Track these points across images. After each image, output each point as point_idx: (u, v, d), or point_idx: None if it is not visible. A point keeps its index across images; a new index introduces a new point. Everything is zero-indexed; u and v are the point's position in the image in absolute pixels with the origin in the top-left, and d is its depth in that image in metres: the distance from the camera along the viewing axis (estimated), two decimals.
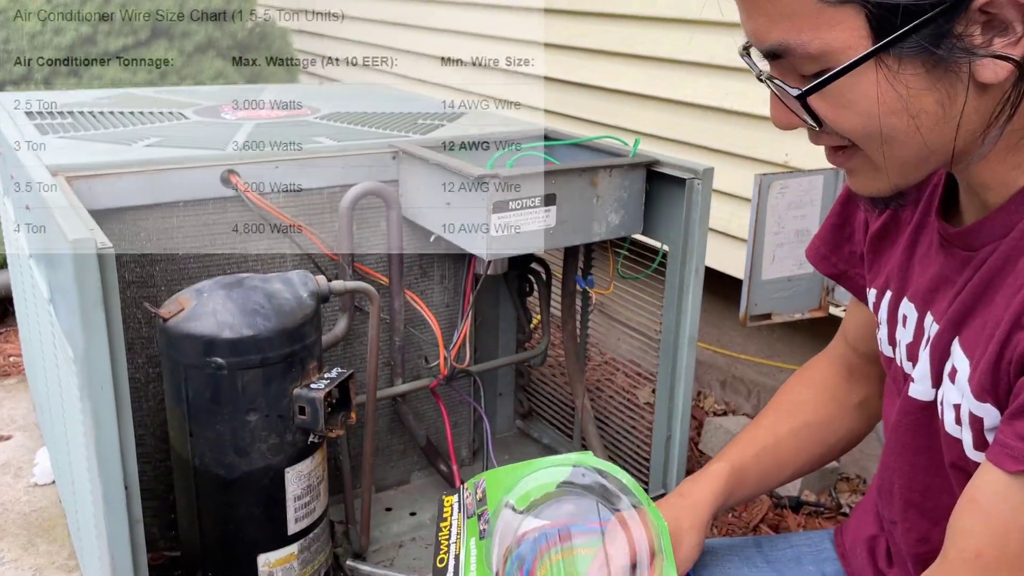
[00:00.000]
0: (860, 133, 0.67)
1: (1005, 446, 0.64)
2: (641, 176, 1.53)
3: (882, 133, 0.66)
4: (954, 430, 0.73)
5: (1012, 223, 0.69)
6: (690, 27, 2.29)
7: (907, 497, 0.83)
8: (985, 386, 0.67)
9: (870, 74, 0.63)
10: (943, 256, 0.77)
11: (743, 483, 0.97)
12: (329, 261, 1.58)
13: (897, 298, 0.83)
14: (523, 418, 2.07)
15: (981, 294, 0.71)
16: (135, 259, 1.42)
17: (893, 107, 0.64)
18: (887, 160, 0.68)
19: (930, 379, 0.76)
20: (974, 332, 0.71)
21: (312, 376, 1.31)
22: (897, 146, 0.67)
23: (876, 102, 0.64)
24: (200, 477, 1.30)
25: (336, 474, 1.62)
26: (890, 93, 0.64)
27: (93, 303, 0.98)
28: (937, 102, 0.64)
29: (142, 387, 1.47)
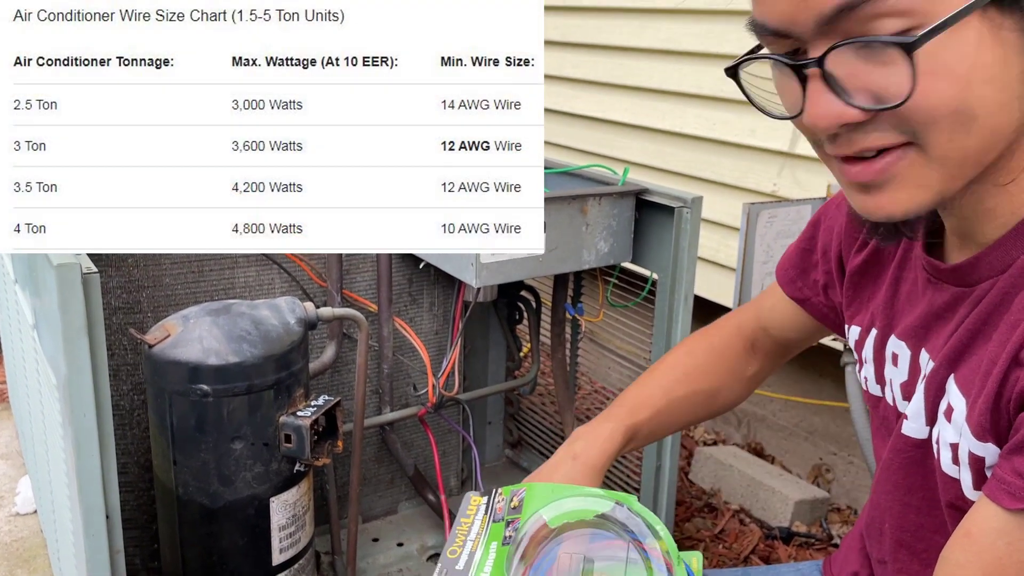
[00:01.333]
0: (943, 110, 0.57)
1: (1003, 482, 0.62)
2: (630, 205, 1.54)
3: (965, 110, 0.57)
4: (951, 469, 0.71)
5: (1011, 259, 0.66)
6: (678, 58, 2.32)
7: (898, 537, 0.81)
8: (985, 425, 0.65)
9: (973, 29, 0.55)
10: (932, 292, 0.74)
11: (633, 441, 0.99)
12: (318, 288, 1.58)
13: (884, 336, 0.81)
14: (512, 447, 2.06)
15: (978, 331, 0.68)
16: (122, 285, 1.41)
17: (991, 72, 0.56)
18: (949, 153, 0.59)
19: (924, 416, 0.74)
20: (970, 370, 0.68)
21: (299, 404, 1.30)
22: (974, 129, 0.58)
23: (974, 65, 0.56)
24: (183, 506, 1.28)
25: (322, 503, 1.60)
26: (990, 55, 0.56)
27: (77, 329, 0.97)
28: (1021, 74, 0.57)
29: (127, 414, 1.45)
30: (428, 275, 1.69)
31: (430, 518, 1.78)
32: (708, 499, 2.13)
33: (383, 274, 1.58)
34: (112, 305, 1.41)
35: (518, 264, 1.43)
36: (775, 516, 2.00)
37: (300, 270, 1.55)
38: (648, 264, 1.58)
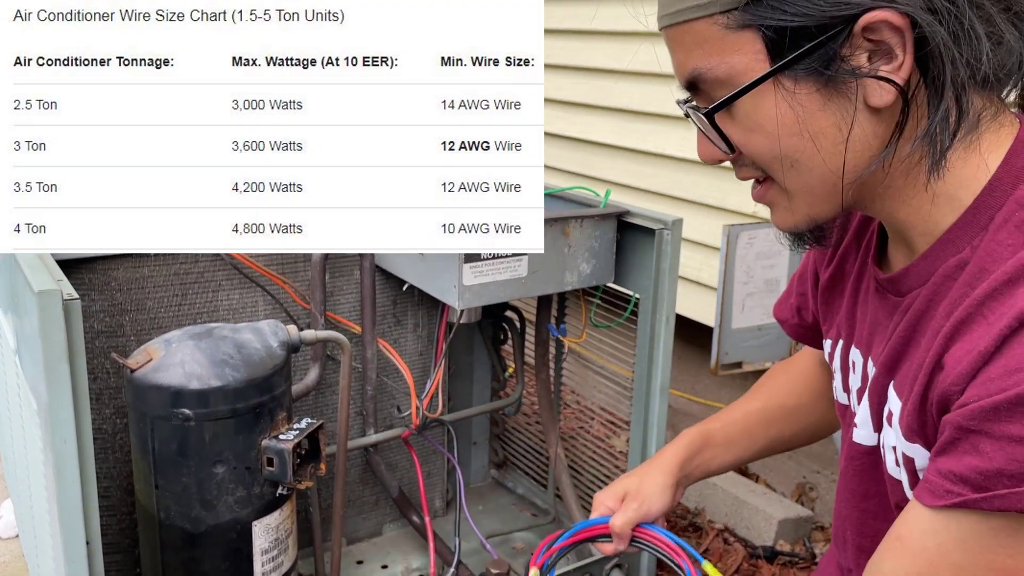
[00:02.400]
0: (767, 157, 0.70)
1: (927, 482, 0.65)
2: (612, 226, 1.55)
3: (784, 155, 0.69)
4: (895, 471, 0.74)
5: (934, 268, 0.71)
6: (659, 80, 2.35)
7: (859, 544, 0.84)
8: (913, 427, 0.68)
9: (769, 95, 0.67)
10: (877, 301, 0.79)
11: (708, 444, 1.04)
12: (302, 310, 1.58)
13: (847, 346, 0.86)
14: (498, 467, 2.06)
15: (909, 338, 0.73)
16: (105, 309, 1.41)
17: (792, 128, 0.67)
18: (796, 188, 0.71)
19: (871, 423, 0.78)
20: (903, 375, 0.73)
21: (281, 427, 1.30)
22: (803, 171, 0.69)
23: (777, 123, 0.67)
24: (165, 531, 1.27)
25: (306, 526, 1.60)
26: (788, 114, 0.67)
27: (58, 355, 0.97)
28: (834, 124, 0.67)
29: (109, 439, 1.45)
30: (412, 296, 1.70)
31: (415, 540, 1.78)
32: (693, 518, 2.13)
33: (367, 296, 1.59)
34: (95, 329, 1.41)
35: (501, 286, 1.44)
36: (759, 535, 2.01)
37: (284, 292, 1.56)
38: (630, 285, 1.59)
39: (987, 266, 0.65)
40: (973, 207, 0.68)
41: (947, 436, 0.63)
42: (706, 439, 1.03)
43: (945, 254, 0.70)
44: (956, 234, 0.69)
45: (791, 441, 1.08)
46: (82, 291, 1.37)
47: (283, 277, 1.54)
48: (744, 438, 1.05)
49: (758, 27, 0.65)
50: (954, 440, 0.62)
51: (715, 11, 0.66)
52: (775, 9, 0.64)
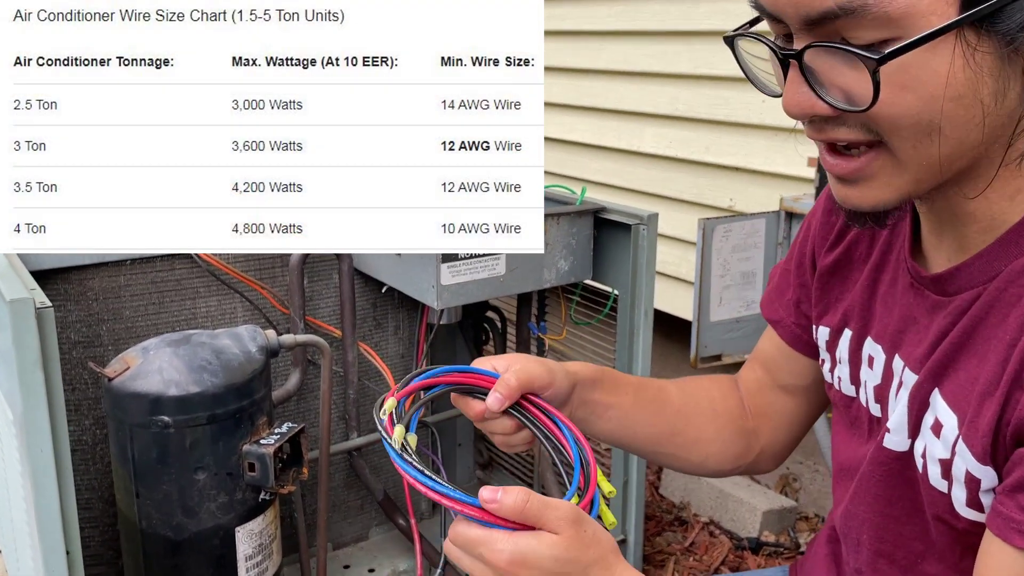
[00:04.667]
0: (908, 120, 0.59)
1: (1012, 521, 0.61)
2: (588, 223, 1.56)
3: (933, 121, 0.59)
4: (940, 484, 0.70)
5: (995, 270, 0.65)
6: (633, 79, 2.36)
7: (877, 548, 0.80)
8: (988, 449, 0.64)
9: (948, 48, 0.57)
10: (911, 297, 0.74)
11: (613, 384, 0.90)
12: (281, 315, 1.58)
13: (860, 337, 0.81)
14: (483, 468, 2.06)
15: (962, 344, 0.67)
16: (82, 319, 1.40)
17: (960, 91, 0.58)
18: (916, 159, 0.61)
19: (907, 430, 0.73)
20: (959, 386, 0.67)
21: (262, 432, 1.30)
22: (942, 141, 0.60)
23: (945, 83, 0.57)
24: (147, 540, 1.27)
25: (291, 532, 1.59)
26: (961, 74, 0.57)
27: (32, 364, 0.97)
28: (993, 93, 0.59)
29: (89, 449, 1.44)
30: (392, 299, 1.70)
31: (401, 543, 1.78)
32: (678, 512, 2.14)
33: (346, 299, 1.59)
34: (72, 339, 1.40)
35: (479, 285, 1.44)
36: (744, 527, 2.02)
37: (262, 298, 1.55)
38: (608, 281, 1.60)
39: None
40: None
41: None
42: (613, 379, 0.90)
43: (1008, 255, 0.65)
44: (1021, 234, 0.64)
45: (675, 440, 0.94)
46: (58, 301, 1.36)
47: (261, 282, 1.54)
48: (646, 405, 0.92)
49: None
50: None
51: None
52: None
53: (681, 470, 0.99)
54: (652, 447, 0.95)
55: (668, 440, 0.94)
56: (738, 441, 0.96)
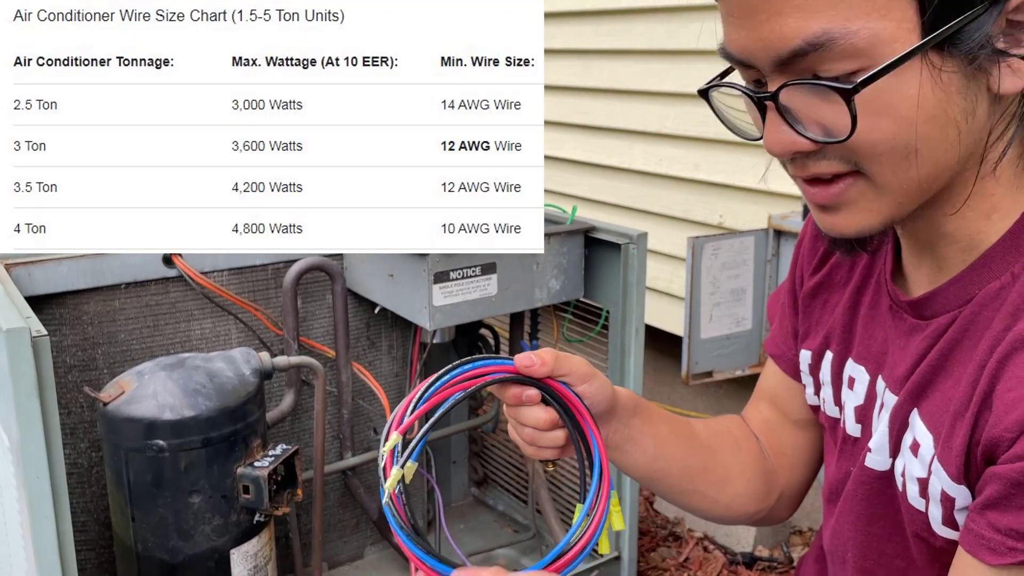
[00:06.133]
0: (886, 145, 0.61)
1: (981, 538, 0.62)
2: (579, 242, 1.58)
3: (909, 144, 0.60)
4: (918, 503, 0.71)
5: (969, 294, 0.67)
6: (621, 97, 2.38)
7: (861, 565, 0.81)
8: (961, 468, 0.65)
9: (915, 72, 0.58)
10: (892, 320, 0.75)
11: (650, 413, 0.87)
12: (275, 336, 1.59)
13: (841, 359, 0.82)
14: (478, 485, 2.07)
15: (940, 366, 0.69)
16: (77, 343, 1.41)
17: (932, 111, 0.59)
18: (895, 183, 0.63)
19: (888, 449, 0.75)
20: (936, 406, 0.69)
21: (256, 454, 1.31)
22: (920, 162, 0.61)
23: (916, 105, 0.59)
24: (144, 563, 1.27)
25: (287, 552, 1.60)
26: (931, 96, 0.59)
27: (27, 392, 0.98)
28: (963, 111, 0.60)
29: (85, 472, 1.45)
30: (385, 319, 1.71)
31: (396, 562, 1.78)
32: (672, 528, 2.15)
33: (340, 320, 1.60)
34: (67, 363, 1.41)
35: (471, 305, 1.46)
36: (738, 542, 2.03)
37: (256, 320, 1.56)
38: (599, 298, 1.62)
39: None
40: (1013, 230, 0.65)
41: (998, 490, 0.60)
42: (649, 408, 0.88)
43: (981, 279, 0.66)
44: (993, 258, 0.65)
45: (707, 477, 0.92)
46: (52, 326, 1.37)
47: (255, 304, 1.55)
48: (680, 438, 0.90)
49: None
50: (1008, 495, 0.60)
51: None
52: None
53: (707, 513, 0.95)
54: (684, 483, 0.92)
55: (700, 476, 0.91)
56: (762, 481, 0.94)
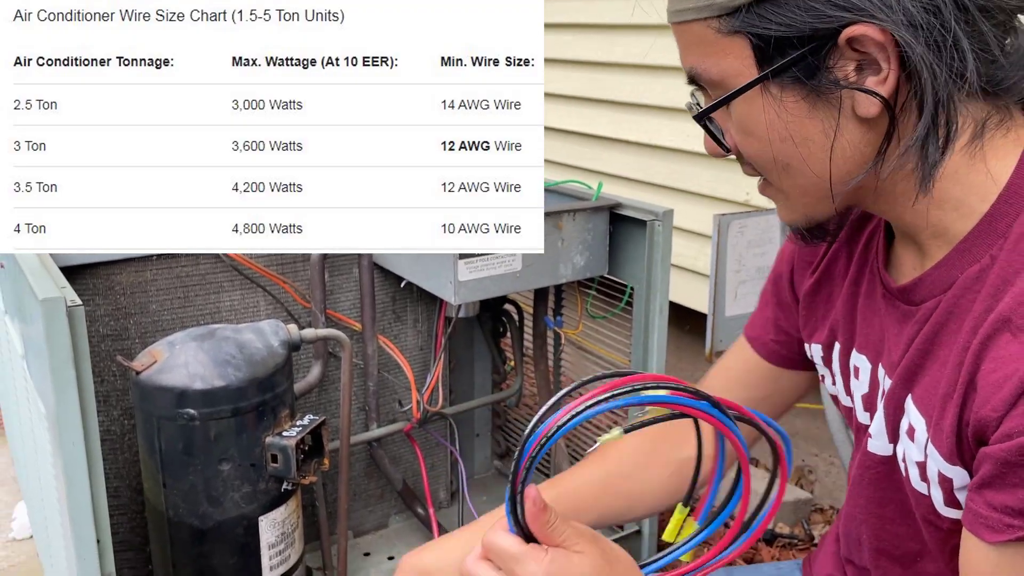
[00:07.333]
0: (760, 160, 0.73)
1: (981, 517, 0.64)
2: (604, 219, 1.58)
3: (776, 159, 0.71)
4: (920, 486, 0.73)
5: (952, 278, 0.70)
6: (648, 72, 2.36)
7: (877, 547, 0.84)
8: (954, 450, 0.68)
9: (758, 100, 0.69)
10: (886, 307, 0.78)
11: None
12: (303, 309, 1.61)
13: (847, 350, 0.84)
14: (501, 458, 2.09)
15: (927, 350, 0.71)
16: (109, 313, 1.44)
17: (781, 133, 0.69)
18: (790, 189, 0.73)
19: (886, 435, 0.77)
20: (925, 390, 0.71)
21: (284, 424, 1.33)
22: (795, 174, 0.71)
23: (766, 128, 0.70)
24: (174, 528, 1.31)
25: (313, 520, 1.63)
26: (776, 120, 0.69)
27: (63, 361, 1.00)
28: (821, 131, 0.68)
29: (118, 439, 1.48)
30: (411, 293, 1.72)
31: (420, 531, 1.81)
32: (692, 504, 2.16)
33: (366, 293, 1.62)
34: (100, 332, 1.44)
35: (496, 281, 1.46)
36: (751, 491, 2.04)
37: (284, 292, 1.58)
38: (624, 275, 1.62)
39: (1009, 277, 0.65)
40: (990, 215, 0.68)
41: (991, 470, 0.63)
42: None
43: (962, 263, 0.69)
44: (973, 242, 0.68)
45: (627, 513, 1.03)
46: (86, 296, 1.40)
47: (283, 277, 1.57)
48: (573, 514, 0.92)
49: (747, 34, 0.67)
50: (1000, 474, 0.62)
51: (708, 15, 0.68)
52: (762, 18, 0.65)
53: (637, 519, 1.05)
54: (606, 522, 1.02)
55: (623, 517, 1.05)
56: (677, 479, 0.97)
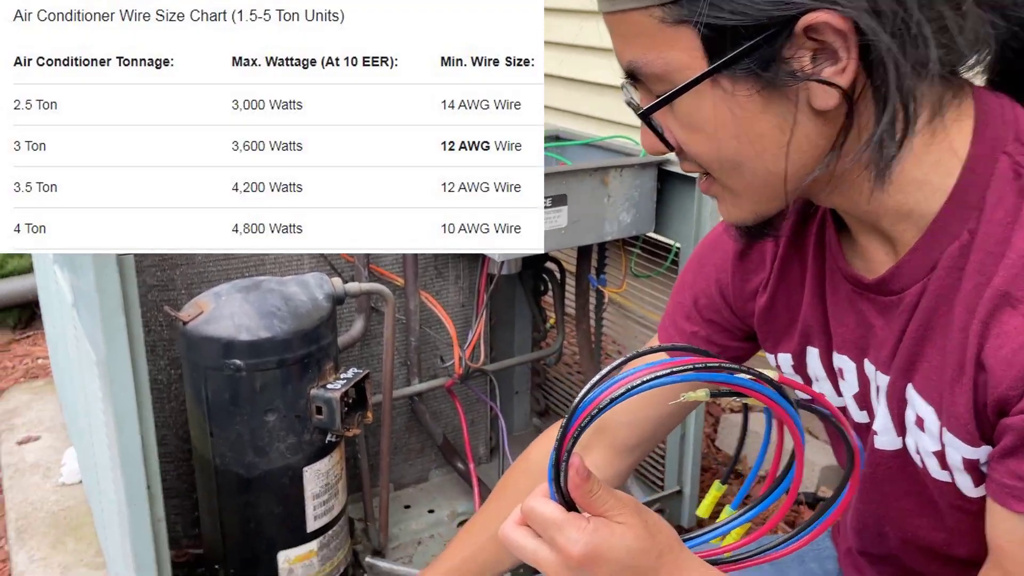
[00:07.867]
0: (708, 157, 0.67)
1: (1003, 486, 0.63)
2: (652, 175, 1.54)
3: (725, 157, 0.66)
4: (942, 475, 0.71)
5: (932, 260, 0.67)
6: None
7: (903, 537, 0.82)
8: (974, 432, 0.66)
9: (708, 95, 0.63)
10: (859, 303, 0.75)
11: None
12: (346, 263, 1.61)
13: (827, 353, 0.81)
14: (540, 416, 2.09)
15: (923, 337, 0.69)
16: (156, 263, 1.45)
17: (732, 130, 0.64)
18: (739, 188, 0.68)
19: (893, 430, 0.75)
20: (927, 377, 0.69)
21: (329, 377, 1.34)
22: (746, 172, 0.66)
23: (716, 124, 0.64)
24: (221, 476, 1.33)
25: (355, 472, 1.65)
26: (727, 115, 0.64)
27: (114, 309, 1.01)
28: (776, 127, 0.63)
29: (164, 388, 1.50)
30: None
31: (459, 485, 1.83)
32: (735, 464, 2.15)
33: None
34: (147, 283, 1.45)
35: None
36: (802, 481, 2.02)
37: None
38: (670, 234, 1.59)
39: (994, 250, 0.63)
40: (958, 189, 0.65)
41: (1013, 440, 0.62)
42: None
43: (940, 243, 0.66)
44: (946, 220, 0.66)
45: None
46: None
47: None
48: (496, 565, 0.98)
49: (695, 24, 0.61)
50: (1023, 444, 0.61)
51: (651, 3, 0.62)
52: (713, 6, 0.60)
53: None
54: None
55: None
56: None
